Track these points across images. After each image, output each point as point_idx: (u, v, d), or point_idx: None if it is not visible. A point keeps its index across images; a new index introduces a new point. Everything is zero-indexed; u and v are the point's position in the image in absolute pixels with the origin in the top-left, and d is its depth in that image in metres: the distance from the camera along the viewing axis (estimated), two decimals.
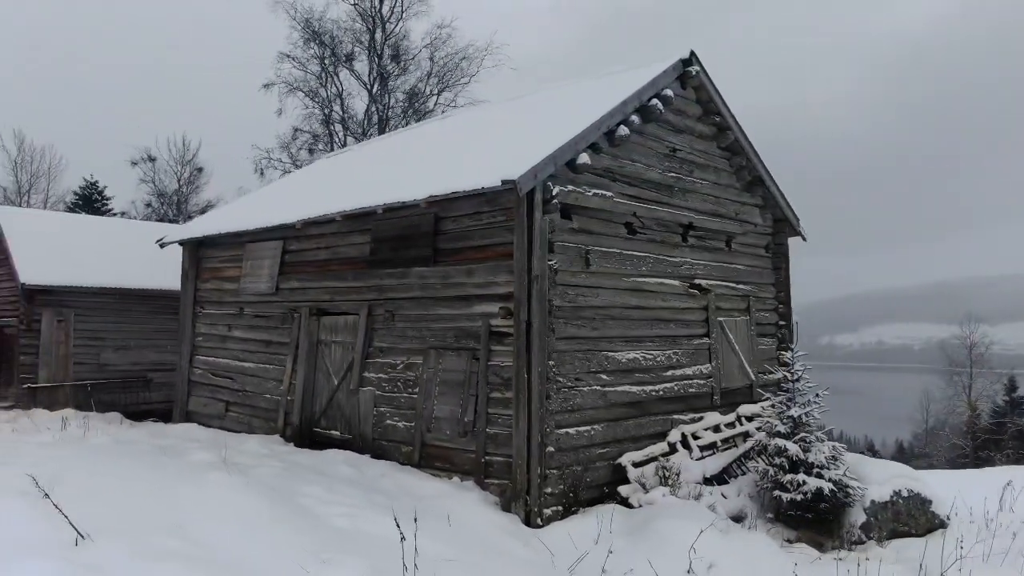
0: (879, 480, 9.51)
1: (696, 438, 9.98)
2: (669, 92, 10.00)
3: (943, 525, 9.69)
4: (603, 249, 9.15)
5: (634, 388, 9.41)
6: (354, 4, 21.84)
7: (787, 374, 9.33)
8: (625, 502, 8.56)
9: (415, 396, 9.43)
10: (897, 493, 9.43)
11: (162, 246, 14.04)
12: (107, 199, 37.02)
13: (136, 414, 16.66)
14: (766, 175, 11.90)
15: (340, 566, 5.26)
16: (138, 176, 35.83)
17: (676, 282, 10.24)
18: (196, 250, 13.79)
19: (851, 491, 8.82)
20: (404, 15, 22.21)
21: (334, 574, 5.09)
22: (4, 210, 19.15)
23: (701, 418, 10.33)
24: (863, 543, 9.07)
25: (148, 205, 35.70)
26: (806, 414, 9.15)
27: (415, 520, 5.69)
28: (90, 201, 36.27)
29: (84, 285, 17.49)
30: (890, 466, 9.91)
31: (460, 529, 7.22)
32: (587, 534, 7.56)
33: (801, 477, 8.76)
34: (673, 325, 10.19)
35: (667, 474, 8.87)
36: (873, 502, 9.26)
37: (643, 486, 8.69)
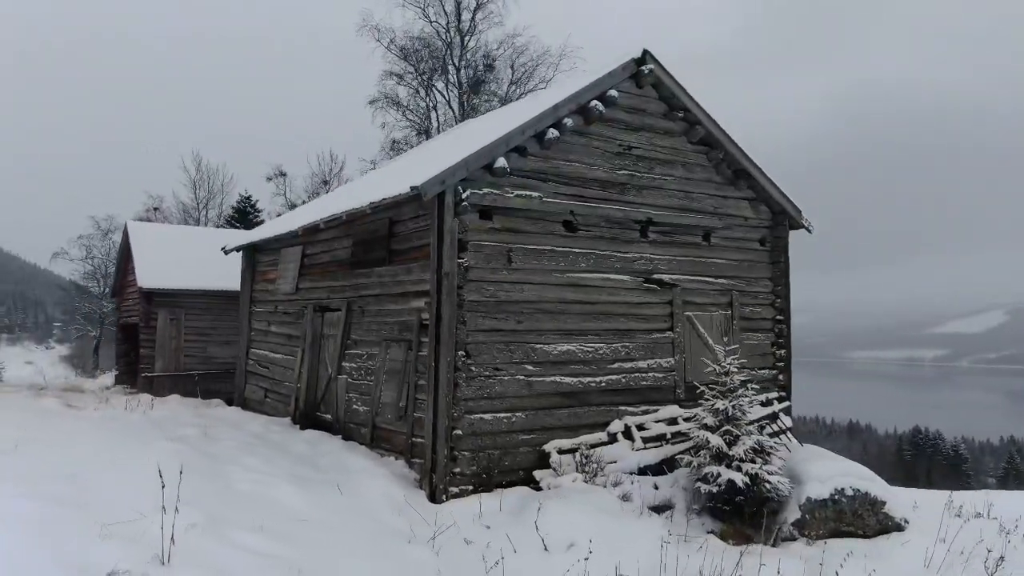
0: (820, 478, 9.28)
1: (642, 429, 10.18)
2: (614, 92, 10.28)
3: (898, 528, 9.26)
4: (532, 247, 9.66)
5: (569, 379, 9.83)
6: (433, 22, 23.36)
7: (717, 367, 9.33)
8: (537, 485, 9.05)
9: (371, 383, 10.46)
10: (840, 492, 9.16)
11: (226, 252, 16.10)
12: (258, 211, 41.42)
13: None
14: (752, 167, 11.72)
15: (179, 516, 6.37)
16: (271, 190, 39.79)
17: (627, 277, 10.48)
18: (252, 255, 15.72)
19: (769, 486, 8.71)
20: (478, 28, 23.41)
21: (167, 519, 6.20)
22: (133, 225, 22.50)
23: (656, 410, 10.49)
24: (794, 540, 8.96)
25: (279, 215, 39.61)
26: (734, 407, 9.12)
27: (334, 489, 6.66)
28: (244, 214, 40.78)
29: (193, 288, 20.22)
30: (838, 464, 9.57)
31: (351, 499, 8.14)
32: (477, 511, 8.19)
33: (716, 469, 8.80)
34: (624, 319, 10.44)
35: (587, 461, 9.23)
36: (809, 499, 9.09)
37: (556, 471, 9.13)
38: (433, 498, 8.61)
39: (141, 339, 20.09)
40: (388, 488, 8.58)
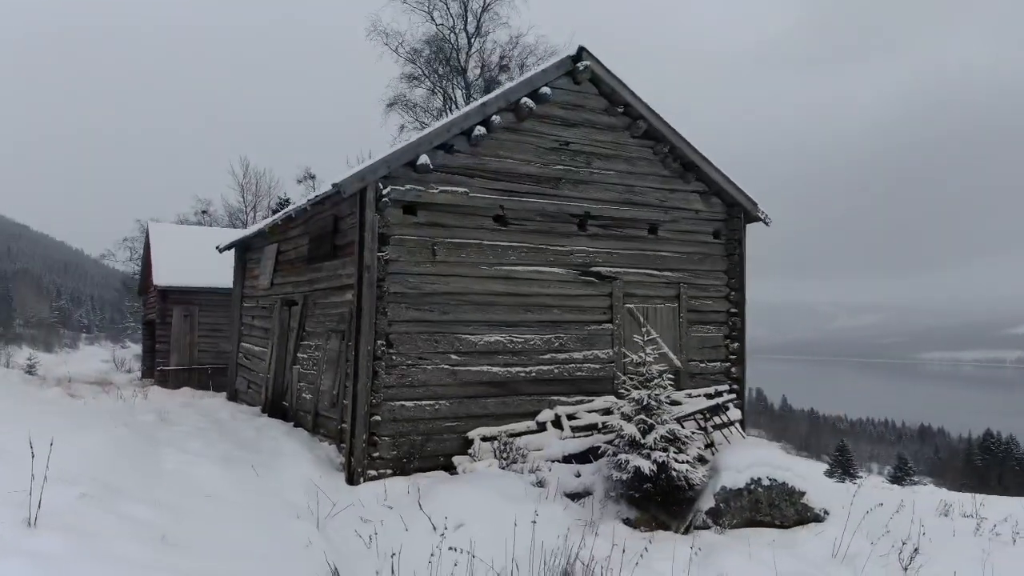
0: (737, 467, 9.31)
1: (573, 419, 10.39)
2: (546, 90, 10.52)
3: (817, 519, 9.22)
4: (459, 240, 9.99)
5: (497, 368, 10.12)
6: (439, 24, 23.84)
7: (637, 357, 9.46)
8: (455, 471, 9.37)
9: (316, 372, 10.97)
10: (756, 481, 9.18)
11: (220, 251, 16.91)
12: None
13: None
14: (701, 161, 11.77)
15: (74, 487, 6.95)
16: (301, 192, 41.02)
17: (562, 270, 10.70)
18: (243, 253, 16.48)
19: (676, 473, 8.82)
20: (483, 30, 23.78)
21: (56, 488, 6.79)
22: (154, 226, 23.70)
23: (591, 401, 10.68)
24: (707, 528, 9.03)
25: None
26: (650, 397, 9.25)
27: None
28: None
29: (206, 286, 21.21)
30: (758, 453, 9.57)
31: (268, 480, 8.61)
32: (384, 492, 8.57)
33: (627, 457, 8.97)
34: (559, 311, 10.67)
35: (505, 448, 9.50)
36: (724, 488, 9.14)
37: (473, 457, 9.43)
38: (351, 480, 9.03)
39: (157, 334, 21.20)
40: (310, 470, 9.04)
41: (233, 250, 16.64)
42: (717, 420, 11.31)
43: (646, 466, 8.79)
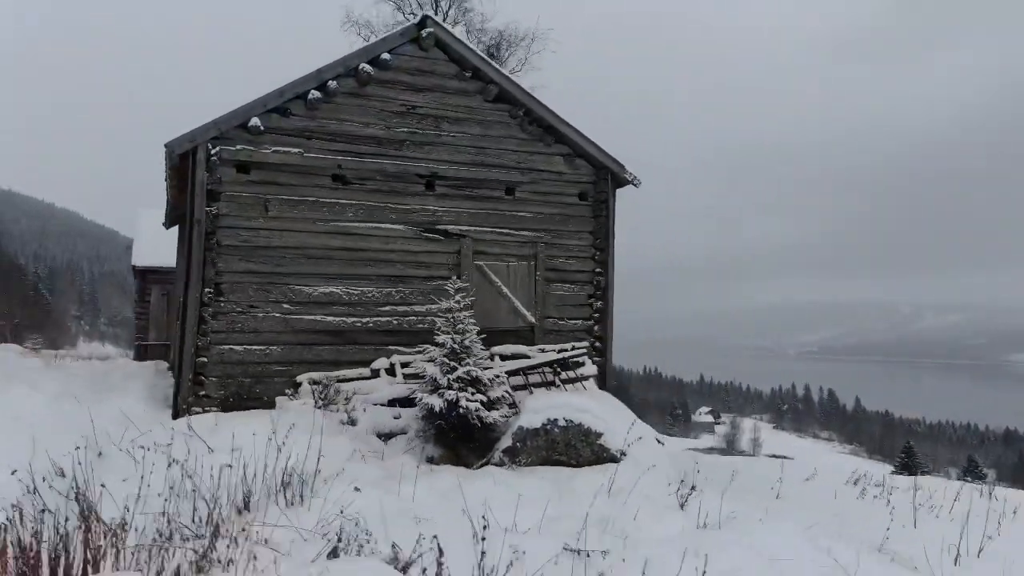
0: (535, 409, 9.67)
1: (407, 367, 10.90)
2: (387, 56, 11.09)
3: (614, 460, 9.49)
4: (295, 198, 10.66)
5: (332, 318, 10.75)
6: (408, 14, 24.50)
7: (446, 304, 9.91)
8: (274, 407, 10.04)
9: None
10: (552, 422, 9.50)
11: (167, 227, 18.05)
12: None
13: None
14: (560, 124, 12.11)
15: None
16: None
17: (404, 227, 11.23)
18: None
19: (463, 410, 9.22)
20: (454, 20, 24.35)
21: None
22: (142, 211, 25.22)
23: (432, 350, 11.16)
24: (503, 465, 9.43)
25: None
26: (455, 342, 9.69)
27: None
28: None
29: None
30: (560, 397, 9.90)
31: (88, 410, 9.47)
32: (193, 424, 9.30)
33: (421, 395, 9.46)
34: (401, 266, 11.21)
35: (325, 390, 10.11)
36: (521, 428, 9.52)
37: (290, 398, 10.08)
38: (176, 415, 9.80)
39: (137, 312, 22.66)
40: (137, 405, 9.86)
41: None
42: (571, 374, 11.62)
43: (437, 404, 9.27)
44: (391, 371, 10.84)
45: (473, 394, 9.42)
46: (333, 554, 5.34)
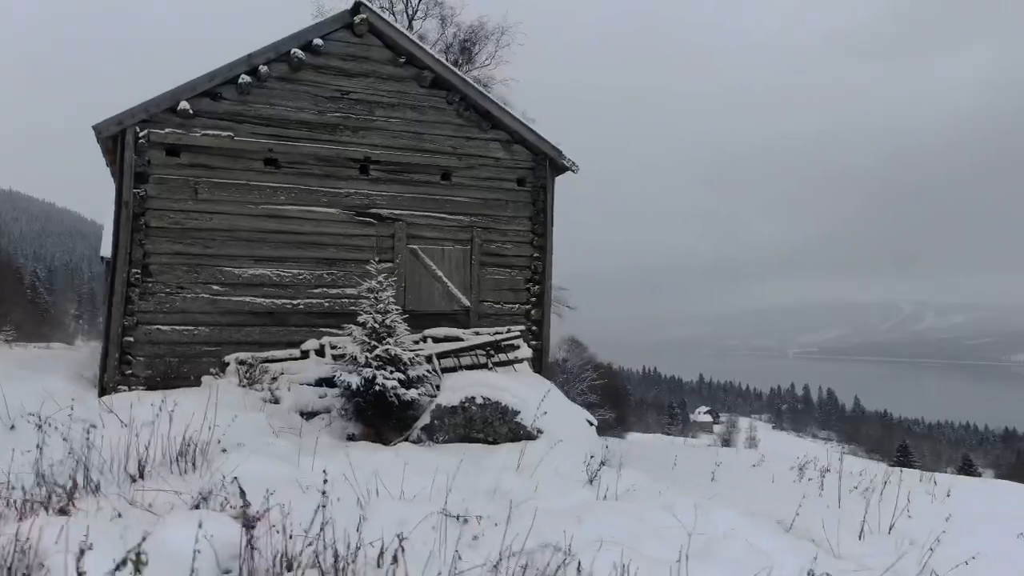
0: (453, 387, 9.80)
1: (336, 348, 11.04)
2: (319, 41, 11.23)
3: (531, 437, 9.61)
4: (226, 181, 10.80)
5: (262, 300, 10.89)
6: (380, 8, 24.68)
7: (369, 284, 10.04)
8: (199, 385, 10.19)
9: None
10: (470, 400, 9.64)
11: None
12: None
13: None
14: (497, 110, 12.25)
15: None
16: None
17: (336, 210, 11.37)
18: None
19: (382, 388, 9.34)
20: (421, 13, 24.56)
21: None
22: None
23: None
24: (420, 443, 9.56)
25: None
26: (377, 323, 9.82)
27: None
28: None
29: None
30: (480, 376, 10.02)
31: (26, 388, 9.61)
32: (113, 402, 9.45)
33: (340, 373, 9.59)
34: (334, 249, 11.34)
35: (250, 369, 10.25)
36: (440, 406, 9.66)
37: (215, 377, 10.22)
38: (102, 393, 9.95)
39: (103, 299, 22.78)
40: (64, 384, 10.00)
41: None
42: (504, 357, 11.75)
43: (354, 381, 9.40)
44: (321, 352, 10.97)
45: (392, 372, 9.54)
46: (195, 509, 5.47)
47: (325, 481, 5.58)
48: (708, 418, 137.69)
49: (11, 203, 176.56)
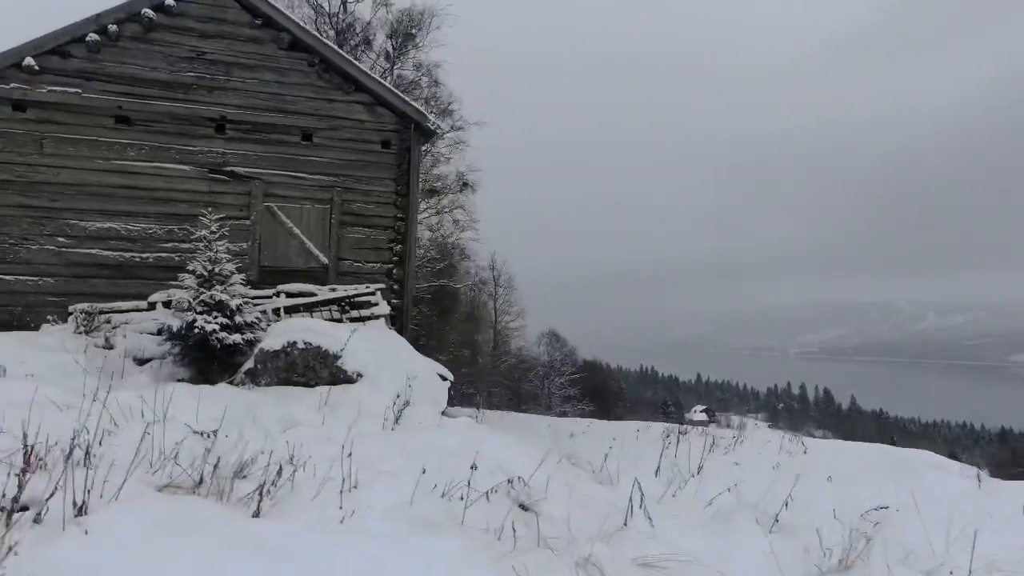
0: (277, 332, 10.04)
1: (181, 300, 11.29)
2: (171, 2, 11.50)
3: (350, 381, 9.83)
4: (74, 136, 11.07)
5: (109, 253, 11.16)
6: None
7: (205, 233, 10.28)
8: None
9: None
10: (292, 344, 9.87)
11: None
12: None
13: None
14: (358, 72, 12.50)
15: None
16: None
17: (189, 167, 11.64)
18: None
19: (201, 331, 9.58)
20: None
21: None
22: None
23: None
24: (243, 385, 9.80)
25: None
26: (206, 271, 10.06)
27: None
28: None
29: None
30: (303, 322, 10.26)
31: None
32: None
33: (165, 319, 9.84)
34: (187, 205, 11.61)
35: (87, 318, 10.52)
36: (263, 350, 9.89)
37: (51, 324, 10.49)
38: None
39: None
40: None
41: None
42: (361, 313, 12.00)
43: (176, 324, 9.66)
44: (168, 304, 11.22)
45: (216, 317, 9.80)
46: None
47: (94, 401, 5.87)
48: (704, 416, 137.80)
49: None
